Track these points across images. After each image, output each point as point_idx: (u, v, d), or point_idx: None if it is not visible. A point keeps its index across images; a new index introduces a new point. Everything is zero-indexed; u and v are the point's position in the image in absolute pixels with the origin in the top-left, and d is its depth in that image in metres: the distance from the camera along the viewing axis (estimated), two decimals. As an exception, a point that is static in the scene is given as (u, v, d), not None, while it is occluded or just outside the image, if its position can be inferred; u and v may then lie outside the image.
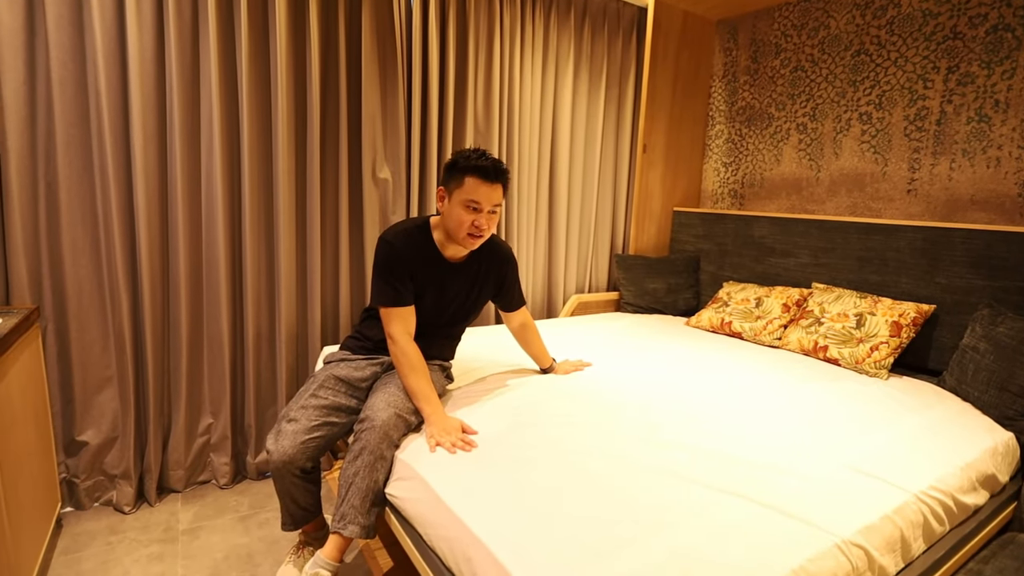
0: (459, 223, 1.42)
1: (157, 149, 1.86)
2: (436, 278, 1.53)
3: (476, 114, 2.47)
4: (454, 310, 1.61)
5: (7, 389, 1.37)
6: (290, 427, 1.37)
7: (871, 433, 1.47)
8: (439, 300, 1.56)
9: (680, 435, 1.39)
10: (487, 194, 1.40)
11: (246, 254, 2.03)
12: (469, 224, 1.42)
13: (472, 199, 1.40)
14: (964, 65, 2.11)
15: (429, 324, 1.58)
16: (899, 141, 2.30)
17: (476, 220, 1.42)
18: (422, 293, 1.53)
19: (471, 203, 1.41)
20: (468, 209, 1.41)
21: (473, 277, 1.60)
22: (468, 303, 1.63)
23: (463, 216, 1.41)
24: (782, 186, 2.74)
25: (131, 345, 1.88)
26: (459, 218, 1.42)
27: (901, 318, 2.01)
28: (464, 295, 1.61)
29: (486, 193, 1.40)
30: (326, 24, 2.08)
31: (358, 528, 1.28)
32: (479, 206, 1.41)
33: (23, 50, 1.63)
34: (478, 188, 1.39)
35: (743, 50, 2.87)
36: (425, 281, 1.52)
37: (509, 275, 1.69)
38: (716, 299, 2.66)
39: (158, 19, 1.81)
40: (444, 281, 1.55)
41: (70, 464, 1.89)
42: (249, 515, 1.95)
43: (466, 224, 1.42)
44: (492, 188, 1.41)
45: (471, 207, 1.41)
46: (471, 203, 1.41)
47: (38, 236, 1.74)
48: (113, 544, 1.76)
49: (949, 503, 1.26)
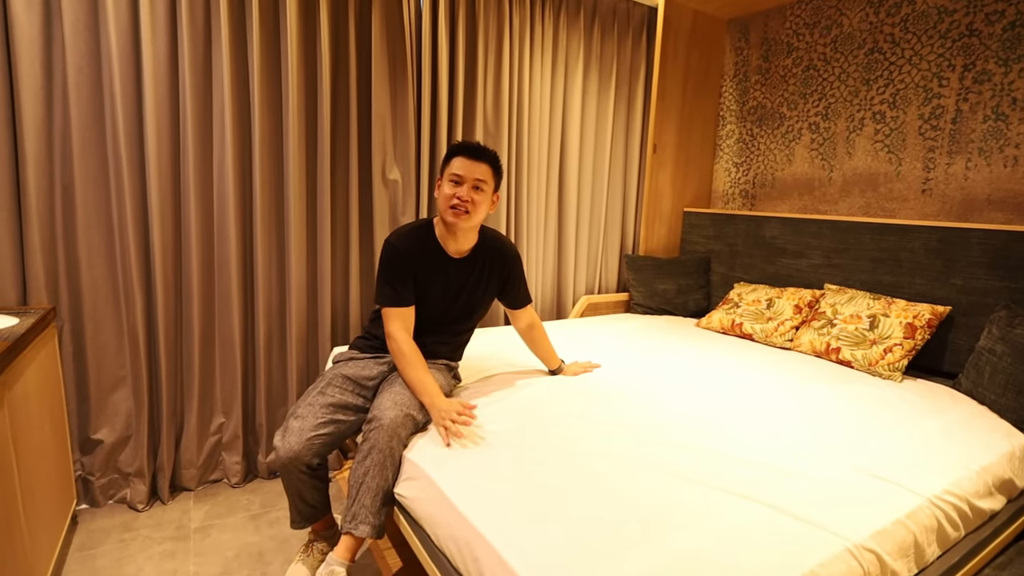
0: (444, 198, 1.50)
1: (170, 151, 1.89)
2: (439, 272, 1.57)
3: (486, 115, 2.47)
4: (460, 306, 1.62)
5: (25, 388, 1.39)
6: (296, 424, 1.38)
7: (884, 436, 1.45)
8: (444, 295, 1.59)
9: (689, 437, 1.38)
10: (468, 167, 1.49)
11: (257, 255, 2.05)
12: (451, 196, 1.49)
13: (454, 172, 1.49)
14: (980, 63, 2.07)
15: (435, 321, 1.60)
16: (913, 140, 2.27)
17: (457, 192, 1.48)
18: (426, 288, 1.56)
19: (453, 176, 1.50)
20: (451, 183, 1.50)
21: (477, 272, 1.63)
22: (474, 299, 1.64)
23: (447, 190, 1.50)
24: (794, 186, 2.71)
25: (145, 345, 1.91)
26: (445, 193, 1.50)
27: (916, 320, 1.98)
28: (469, 290, 1.62)
29: (468, 166, 1.49)
30: (336, 27, 2.10)
31: (369, 527, 1.29)
32: (460, 178, 1.49)
33: (40, 55, 1.66)
34: (461, 163, 1.49)
35: (754, 49, 2.85)
36: (429, 276, 1.55)
37: (513, 271, 1.71)
38: (727, 300, 2.64)
39: (171, 24, 1.83)
40: (448, 275, 1.58)
41: (85, 462, 1.92)
42: (260, 514, 1.97)
43: (449, 197, 1.49)
44: (474, 163, 1.49)
45: (453, 180, 1.50)
46: (453, 176, 1.50)
47: (55, 237, 1.77)
48: (127, 541, 1.78)
49: (964, 508, 1.24)
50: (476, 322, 1.72)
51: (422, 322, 1.59)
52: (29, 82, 1.65)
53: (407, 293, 1.52)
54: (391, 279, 1.51)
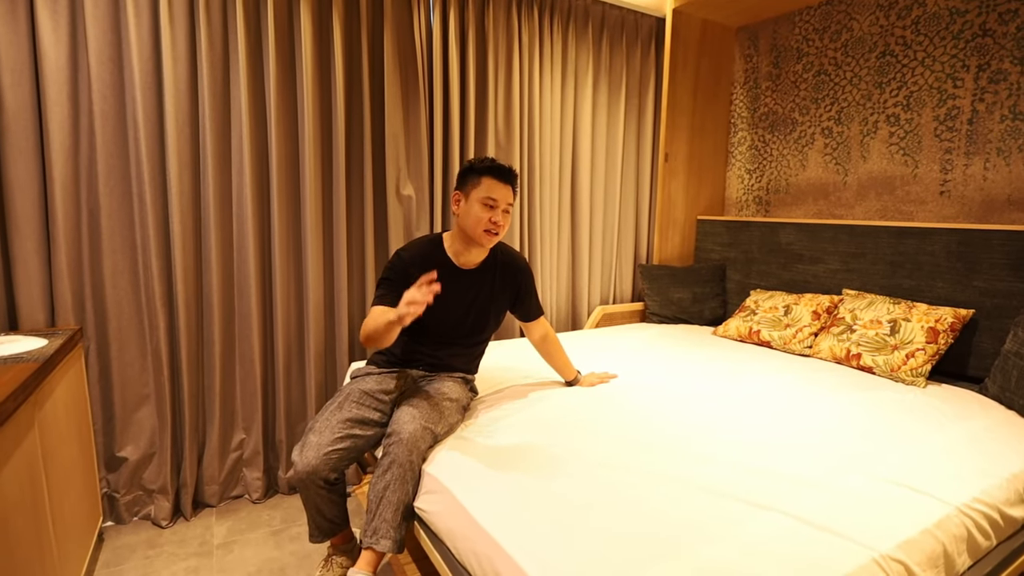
0: (477, 220, 1.52)
1: (191, 175, 1.94)
2: (450, 287, 1.58)
3: (497, 129, 2.50)
4: (473, 317, 1.64)
5: (54, 407, 1.43)
6: (314, 439, 1.39)
7: (909, 443, 1.42)
8: (455, 306, 1.60)
9: (710, 447, 1.37)
10: (502, 192, 1.52)
11: (275, 274, 2.09)
12: (487, 220, 1.51)
13: (490, 196, 1.51)
14: (995, 62, 2.05)
15: (450, 333, 1.62)
16: (929, 142, 2.25)
17: (493, 216, 1.51)
18: (435, 303, 1.56)
19: (488, 200, 1.51)
20: (485, 207, 1.51)
21: (489, 285, 1.64)
22: (486, 310, 1.66)
23: (481, 213, 1.51)
24: (808, 191, 2.69)
25: (168, 364, 1.95)
26: (477, 216, 1.51)
27: (938, 324, 1.95)
28: (481, 301, 1.64)
29: (501, 191, 1.52)
30: (349, 48, 2.15)
31: (390, 542, 1.29)
32: (495, 203, 1.51)
33: (67, 86, 1.73)
34: (494, 187, 1.51)
35: (764, 56, 2.85)
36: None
37: (524, 283, 1.72)
38: (743, 308, 2.62)
39: (191, 53, 1.89)
40: (459, 290, 1.60)
41: (111, 479, 1.96)
42: (281, 529, 1.98)
43: (484, 220, 1.51)
44: (506, 188, 1.53)
45: (488, 204, 1.51)
46: (488, 200, 1.51)
47: (81, 261, 1.82)
48: (152, 558, 1.81)
49: (995, 516, 1.21)
50: (490, 334, 1.72)
51: (436, 335, 1.61)
52: (57, 111, 1.71)
53: (395, 296, 1.51)
54: (385, 286, 1.55)
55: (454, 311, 1.61)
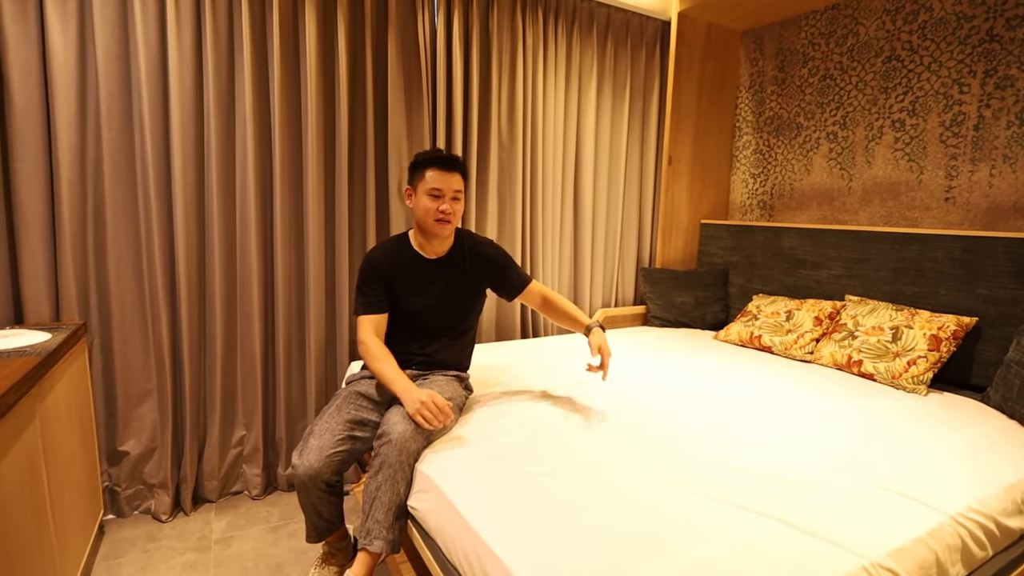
0: (426, 211, 1.56)
1: (195, 172, 1.96)
2: (420, 276, 1.64)
3: (500, 131, 2.50)
4: (450, 305, 1.67)
5: (56, 400, 1.45)
6: (315, 442, 1.40)
7: (906, 450, 1.41)
8: (431, 295, 1.64)
9: (707, 450, 1.37)
10: (446, 181, 1.56)
11: (277, 272, 2.11)
12: (435, 210, 1.56)
13: (434, 187, 1.55)
14: (1003, 68, 2.03)
15: (433, 324, 1.65)
16: (935, 148, 2.23)
17: (440, 206, 1.55)
18: (412, 292, 1.62)
19: (433, 191, 1.55)
20: (432, 197, 1.56)
21: (460, 270, 1.68)
22: (464, 298, 1.68)
23: (429, 204, 1.56)
24: (813, 196, 2.68)
25: (170, 359, 1.97)
26: (425, 207, 1.56)
27: (940, 331, 1.93)
28: (455, 289, 1.67)
29: (445, 180, 1.56)
30: (353, 49, 2.16)
31: (383, 543, 1.30)
32: (441, 192, 1.56)
33: (75, 83, 1.75)
34: (438, 177, 1.56)
35: (769, 60, 2.84)
36: (410, 281, 1.63)
37: (496, 263, 1.74)
38: (745, 312, 2.61)
39: (197, 51, 1.91)
40: (430, 278, 1.65)
41: (112, 473, 1.98)
42: (279, 526, 1.99)
43: (432, 210, 1.56)
44: (450, 175, 1.56)
45: (434, 195, 1.56)
46: (433, 191, 1.55)
47: (86, 256, 1.85)
48: (151, 551, 1.83)
49: (991, 526, 1.19)
50: (473, 322, 1.75)
51: (422, 330, 1.65)
52: (64, 108, 1.73)
53: (377, 300, 1.60)
54: (363, 289, 1.61)
55: (430, 300, 1.64)
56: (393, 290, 1.63)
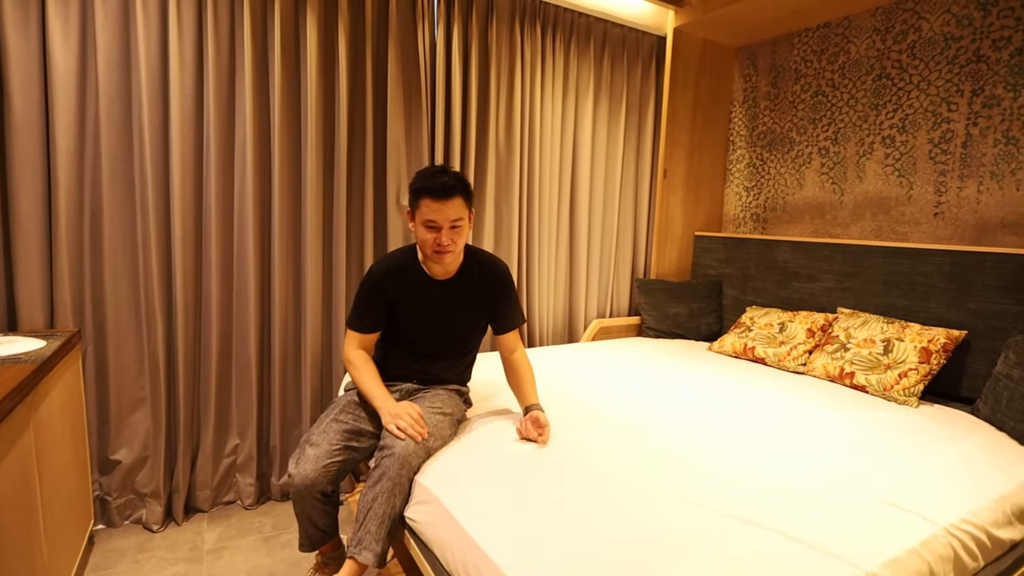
0: (423, 242, 1.49)
1: (194, 180, 1.96)
2: (425, 298, 1.58)
3: (498, 143, 2.53)
4: (455, 330, 1.62)
5: (49, 408, 1.44)
6: (312, 451, 1.39)
7: (899, 462, 1.43)
8: (435, 317, 1.59)
9: (702, 462, 1.38)
10: (442, 211, 1.44)
11: (274, 280, 2.10)
12: (432, 242, 1.47)
13: (428, 219, 1.45)
14: (989, 87, 2.08)
15: (436, 348, 1.61)
16: (924, 164, 2.28)
17: (438, 238, 1.46)
18: (414, 311, 1.58)
19: (428, 223, 1.45)
20: (428, 229, 1.46)
21: (467, 294, 1.61)
22: (469, 323, 1.64)
23: (425, 236, 1.47)
24: (805, 210, 2.72)
25: (164, 368, 1.96)
26: (423, 238, 1.48)
27: (931, 344, 1.96)
28: (461, 314, 1.62)
29: (441, 211, 1.43)
30: (354, 60, 2.18)
31: (372, 555, 1.29)
32: (436, 224, 1.45)
33: (75, 89, 1.75)
34: (432, 208, 1.44)
35: (763, 76, 2.89)
36: (413, 302, 1.57)
37: (500, 288, 1.64)
38: (739, 324, 2.63)
39: (198, 60, 1.92)
40: (435, 298, 1.58)
41: (103, 482, 1.96)
42: (272, 536, 1.98)
43: (429, 243, 1.47)
44: (445, 204, 1.43)
45: (430, 226, 1.46)
46: (428, 223, 1.45)
47: (82, 263, 1.84)
48: (141, 562, 1.80)
49: (982, 537, 1.21)
50: (476, 344, 1.70)
51: (423, 352, 1.61)
52: (63, 115, 1.73)
53: (370, 321, 1.57)
54: (359, 303, 1.57)
55: (434, 323, 1.59)
56: (394, 309, 1.57)
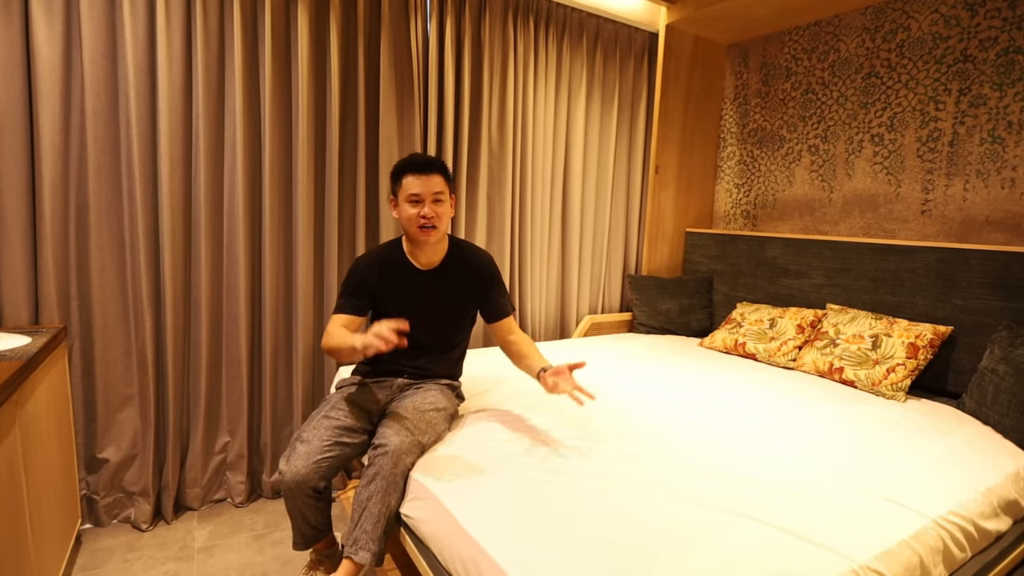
0: (409, 219, 1.53)
1: (182, 175, 1.93)
2: (410, 288, 1.60)
3: (490, 137, 2.52)
4: (442, 321, 1.63)
5: (35, 406, 1.41)
6: (303, 448, 1.38)
7: (889, 456, 1.45)
8: (420, 313, 1.59)
9: (694, 458, 1.39)
10: (424, 184, 1.50)
11: (265, 276, 2.08)
12: (416, 216, 1.51)
13: (412, 192, 1.51)
14: (976, 87, 2.11)
15: (423, 340, 1.61)
16: (912, 162, 2.31)
17: (421, 211, 1.51)
18: (400, 302, 1.58)
19: (412, 197, 1.51)
20: (412, 203, 1.51)
21: (452, 284, 1.63)
22: (456, 314, 1.65)
23: (410, 211, 1.52)
24: (795, 207, 2.74)
25: (153, 364, 1.93)
26: (408, 215, 1.52)
27: (918, 339, 1.99)
28: (447, 305, 1.63)
29: (423, 184, 1.50)
30: (346, 54, 2.16)
31: (369, 554, 1.28)
32: (420, 197, 1.51)
33: (60, 83, 1.71)
34: (414, 182, 1.51)
35: (754, 73, 2.90)
36: (398, 292, 1.59)
37: (487, 278, 1.66)
38: (729, 320, 2.66)
39: (186, 52, 1.89)
40: (421, 291, 1.60)
41: (91, 481, 1.93)
42: (264, 534, 1.96)
43: (414, 217, 1.51)
44: (428, 178, 1.51)
45: (413, 200, 1.51)
46: (412, 197, 1.51)
47: (68, 258, 1.80)
48: (131, 561, 1.78)
49: (970, 529, 1.23)
50: (464, 336, 1.71)
51: (410, 343, 1.59)
52: (48, 107, 1.69)
53: (354, 302, 1.58)
54: (344, 291, 1.59)
55: (420, 314, 1.58)
56: (379, 301, 1.59)
